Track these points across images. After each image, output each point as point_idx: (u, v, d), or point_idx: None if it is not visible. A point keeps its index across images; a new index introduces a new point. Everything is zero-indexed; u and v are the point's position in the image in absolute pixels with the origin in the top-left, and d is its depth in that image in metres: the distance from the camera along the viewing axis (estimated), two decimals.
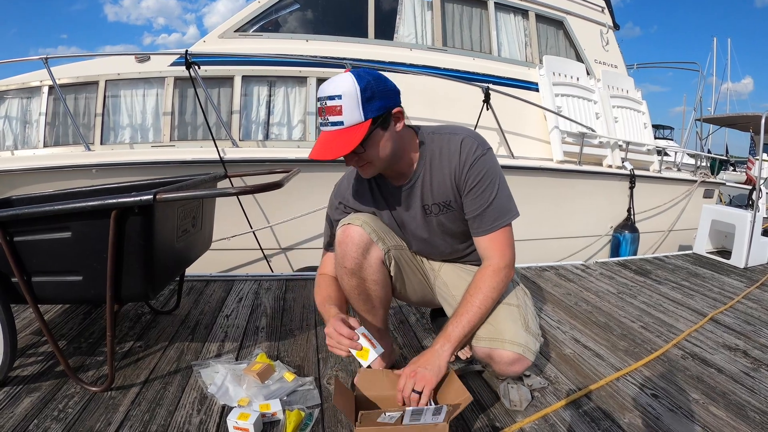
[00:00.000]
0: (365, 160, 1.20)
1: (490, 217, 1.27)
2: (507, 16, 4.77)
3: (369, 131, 1.14)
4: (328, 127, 1.15)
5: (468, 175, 1.25)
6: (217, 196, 1.49)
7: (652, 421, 1.36)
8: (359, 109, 1.12)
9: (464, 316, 1.25)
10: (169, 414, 1.34)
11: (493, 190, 1.26)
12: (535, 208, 3.98)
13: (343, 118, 1.12)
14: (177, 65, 3.71)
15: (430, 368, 1.18)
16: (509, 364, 1.27)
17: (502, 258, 1.29)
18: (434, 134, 1.32)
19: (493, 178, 1.26)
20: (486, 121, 3.78)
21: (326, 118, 1.14)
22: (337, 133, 1.13)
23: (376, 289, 1.39)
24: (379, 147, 1.18)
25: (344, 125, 1.13)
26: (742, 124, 11.27)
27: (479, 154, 1.25)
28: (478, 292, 1.27)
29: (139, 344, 1.79)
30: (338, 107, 1.11)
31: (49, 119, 3.81)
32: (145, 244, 1.39)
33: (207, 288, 2.46)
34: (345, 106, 1.11)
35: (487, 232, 1.28)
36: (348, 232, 1.33)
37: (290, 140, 3.94)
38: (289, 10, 4.30)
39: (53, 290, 1.43)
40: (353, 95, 1.11)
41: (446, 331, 1.25)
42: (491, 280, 1.27)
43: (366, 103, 1.12)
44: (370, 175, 1.26)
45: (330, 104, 1.12)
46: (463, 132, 1.30)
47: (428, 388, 1.15)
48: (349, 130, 1.13)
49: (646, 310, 2.33)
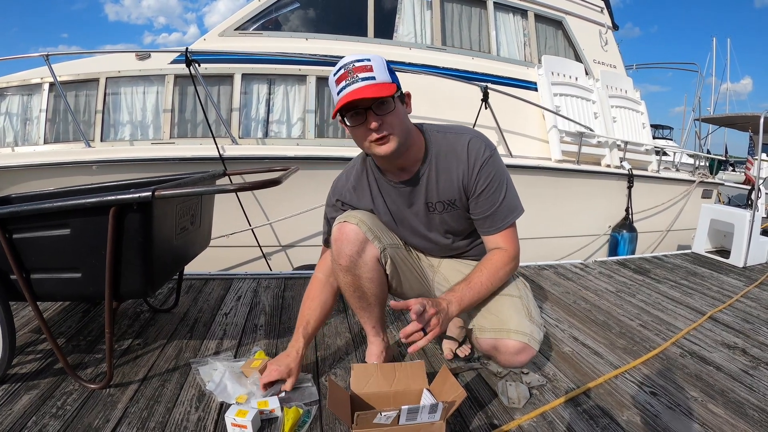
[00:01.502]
0: (389, 127, 1.17)
1: (501, 216, 1.30)
2: (506, 16, 4.77)
3: (397, 92, 1.16)
4: (357, 83, 1.13)
5: (478, 177, 1.27)
6: (215, 192, 1.49)
7: (651, 418, 1.37)
8: (387, 73, 1.17)
9: (475, 283, 1.26)
10: (167, 411, 1.34)
11: (502, 191, 1.29)
12: (534, 208, 3.97)
13: (374, 74, 1.14)
14: (177, 63, 3.71)
15: (441, 315, 1.14)
16: (515, 353, 1.27)
17: (514, 249, 1.33)
18: (439, 133, 1.32)
19: (502, 180, 1.29)
20: (485, 120, 3.78)
21: (356, 76, 1.14)
22: (370, 85, 1.14)
23: (371, 287, 1.39)
24: (402, 117, 1.20)
25: (376, 80, 1.14)
26: (741, 124, 11.29)
27: (487, 156, 1.28)
28: (490, 266, 1.29)
29: (137, 342, 1.79)
30: (369, 66, 1.15)
31: (50, 116, 3.81)
32: (143, 241, 1.39)
33: (206, 286, 2.46)
34: (375, 67, 1.15)
35: (499, 230, 1.31)
36: (343, 230, 1.34)
37: (289, 138, 3.94)
38: (289, 9, 4.30)
39: (52, 287, 1.43)
40: (381, 62, 1.17)
41: (456, 292, 1.24)
42: (504, 264, 1.31)
43: (391, 73, 1.18)
44: (389, 149, 1.19)
45: (359, 65, 1.15)
46: (469, 132, 1.31)
47: (435, 333, 1.11)
48: (382, 85, 1.14)
49: (644, 309, 2.33)
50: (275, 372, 1.38)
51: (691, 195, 4.90)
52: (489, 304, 1.33)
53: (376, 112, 1.15)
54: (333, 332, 1.91)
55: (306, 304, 1.51)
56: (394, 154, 1.21)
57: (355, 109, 1.16)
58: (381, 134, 1.17)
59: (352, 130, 1.21)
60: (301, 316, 1.49)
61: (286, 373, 1.39)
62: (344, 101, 1.12)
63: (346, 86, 1.14)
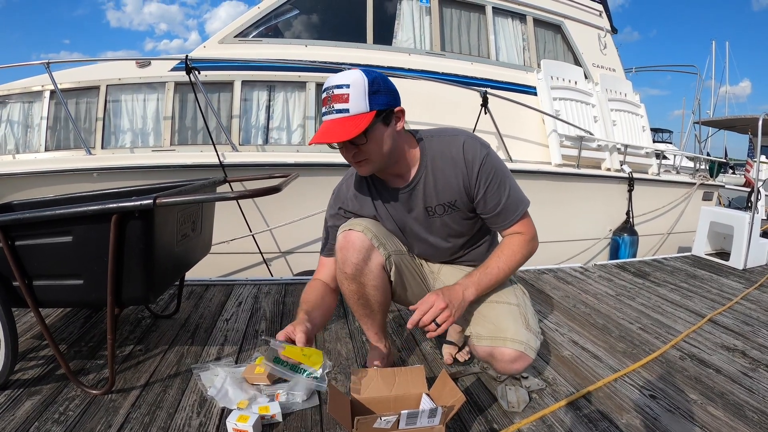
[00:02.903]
0: (364, 154, 1.21)
1: (511, 210, 1.32)
2: (505, 21, 4.79)
3: (372, 122, 1.15)
4: (332, 114, 1.16)
5: (479, 176, 1.28)
6: (216, 200, 1.50)
7: (650, 421, 1.37)
8: (365, 99, 1.15)
9: (493, 268, 1.30)
10: (169, 416, 1.35)
11: (506, 187, 1.31)
12: (534, 212, 3.95)
13: (349, 105, 1.14)
14: (177, 70, 3.73)
15: (454, 305, 1.19)
16: (511, 362, 1.27)
17: (531, 232, 1.35)
18: (433, 137, 1.34)
19: (503, 175, 1.31)
20: (484, 125, 3.79)
21: (331, 106, 1.15)
22: (342, 120, 1.14)
23: (375, 294, 1.39)
24: (380, 142, 1.20)
25: (349, 113, 1.14)
26: (740, 127, 11.31)
27: (484, 154, 1.29)
28: (508, 251, 1.32)
29: (139, 348, 1.80)
30: (345, 95, 1.14)
31: (51, 123, 3.83)
32: (145, 248, 1.40)
33: (207, 292, 2.47)
34: (352, 95, 1.14)
35: (512, 223, 1.33)
36: (349, 238, 1.34)
37: (289, 144, 3.96)
38: (288, 16, 4.32)
39: (54, 294, 1.44)
40: (361, 86, 1.14)
41: (474, 277, 1.28)
42: (521, 246, 1.33)
43: (372, 95, 1.15)
44: (366, 172, 1.27)
45: (337, 92, 1.14)
46: (462, 134, 1.33)
47: (448, 323, 1.17)
48: (354, 118, 1.14)
49: (644, 312, 2.33)
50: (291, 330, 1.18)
51: (692, 198, 4.91)
52: (487, 312, 1.34)
53: (350, 143, 1.19)
54: (333, 337, 1.91)
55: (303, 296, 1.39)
56: (373, 173, 1.29)
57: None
58: (357, 160, 1.23)
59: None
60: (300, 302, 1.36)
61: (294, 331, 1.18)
62: (315, 140, 1.18)
63: (324, 115, 1.19)
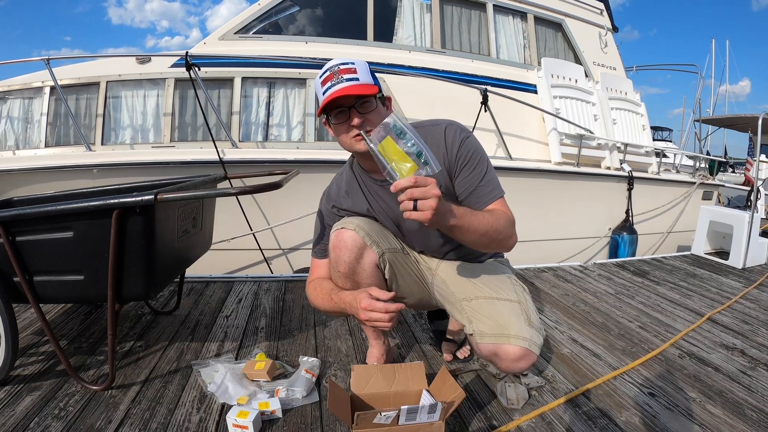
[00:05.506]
0: (368, 126, 1.20)
1: (487, 189, 1.29)
2: (506, 19, 4.78)
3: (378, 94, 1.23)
4: (342, 83, 1.19)
5: (458, 155, 1.29)
6: (217, 196, 1.50)
7: (649, 419, 1.38)
8: (369, 76, 1.24)
9: (478, 214, 1.18)
10: (169, 412, 1.35)
11: (484, 166, 1.30)
12: (534, 210, 3.99)
13: (358, 75, 1.21)
14: (177, 67, 3.73)
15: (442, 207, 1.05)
16: (516, 360, 1.23)
17: (511, 214, 1.27)
18: (418, 128, 1.33)
19: (482, 157, 1.31)
20: (484, 123, 3.79)
21: (340, 77, 1.20)
22: (354, 85, 1.19)
23: None
24: (382, 117, 1.22)
25: (360, 81, 1.20)
26: (740, 125, 11.31)
27: (465, 136, 1.31)
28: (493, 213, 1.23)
29: (139, 344, 1.80)
30: (353, 68, 1.21)
31: (51, 119, 3.83)
32: (146, 244, 1.40)
33: (207, 289, 2.47)
34: (359, 69, 1.22)
35: (489, 202, 1.27)
36: (341, 237, 1.34)
37: (289, 141, 3.96)
38: (288, 13, 4.32)
39: (55, 290, 1.44)
40: (363, 65, 1.24)
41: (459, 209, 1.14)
42: (505, 219, 1.23)
43: (373, 76, 1.25)
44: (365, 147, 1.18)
45: (344, 67, 1.21)
46: (444, 121, 1.34)
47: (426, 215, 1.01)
48: (365, 85, 1.21)
49: (643, 311, 2.34)
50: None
51: (692, 196, 4.91)
52: (488, 309, 1.32)
53: (359, 110, 1.21)
54: (333, 334, 1.92)
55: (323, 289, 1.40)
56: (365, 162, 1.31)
57: (339, 107, 1.22)
58: (364, 129, 1.22)
59: (335, 128, 1.27)
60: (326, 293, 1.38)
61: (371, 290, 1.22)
62: (330, 98, 1.18)
63: (332, 86, 1.20)
